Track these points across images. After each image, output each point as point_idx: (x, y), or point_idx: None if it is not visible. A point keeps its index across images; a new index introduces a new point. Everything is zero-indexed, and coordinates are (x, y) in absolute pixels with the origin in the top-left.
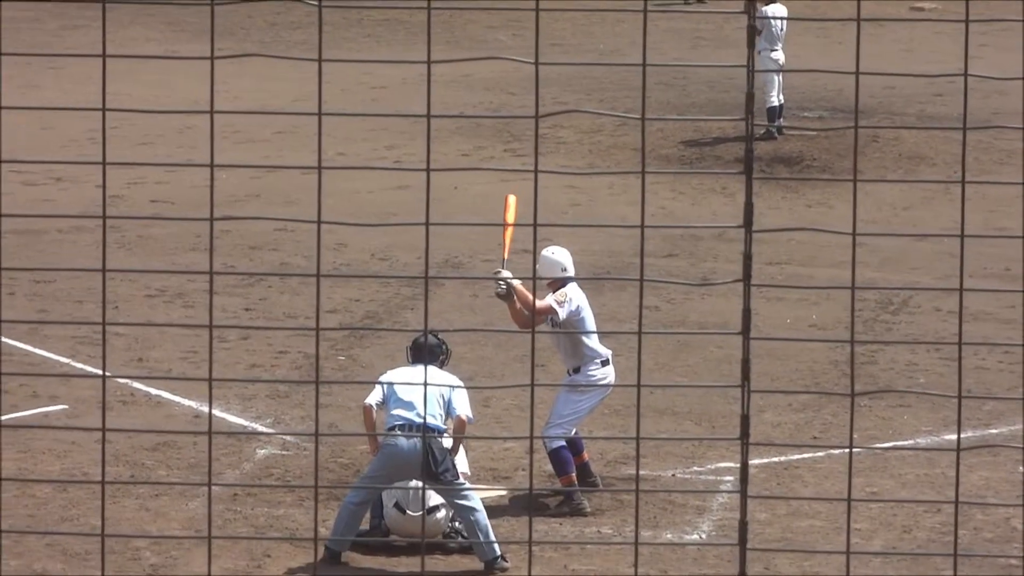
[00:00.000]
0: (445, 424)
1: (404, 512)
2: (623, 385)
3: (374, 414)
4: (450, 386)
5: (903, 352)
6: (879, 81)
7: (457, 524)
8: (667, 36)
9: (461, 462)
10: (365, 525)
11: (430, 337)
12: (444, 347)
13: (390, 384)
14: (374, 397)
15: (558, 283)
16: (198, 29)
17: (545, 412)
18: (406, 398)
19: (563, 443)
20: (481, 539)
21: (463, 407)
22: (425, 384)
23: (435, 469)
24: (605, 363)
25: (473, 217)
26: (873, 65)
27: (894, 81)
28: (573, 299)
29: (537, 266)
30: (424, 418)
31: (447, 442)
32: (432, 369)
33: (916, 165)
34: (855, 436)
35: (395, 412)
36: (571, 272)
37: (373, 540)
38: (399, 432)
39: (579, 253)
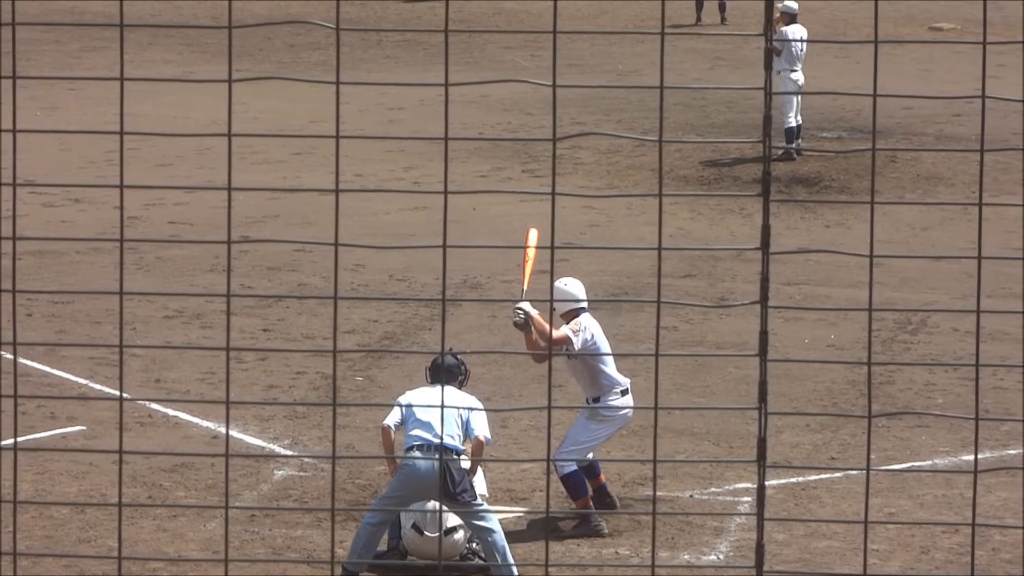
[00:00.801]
0: (463, 445)
1: (422, 533)
2: (641, 407)
3: (392, 435)
4: (469, 408)
5: (921, 372)
6: (897, 101)
7: (475, 545)
8: (686, 56)
9: (479, 483)
10: (383, 546)
11: (449, 357)
12: (463, 367)
13: (408, 405)
14: (392, 418)
15: (571, 314)
16: (216, 50)
17: (563, 433)
18: (424, 418)
19: (575, 467)
20: (499, 560)
21: (482, 428)
22: (443, 405)
23: (453, 489)
24: (624, 392)
25: (491, 237)
26: (891, 85)
27: (912, 101)
28: (587, 328)
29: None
30: (442, 438)
31: (465, 463)
32: (451, 390)
33: (934, 186)
34: (872, 457)
35: (413, 432)
36: (584, 302)
37: (391, 563)
38: (417, 452)
39: (597, 273)
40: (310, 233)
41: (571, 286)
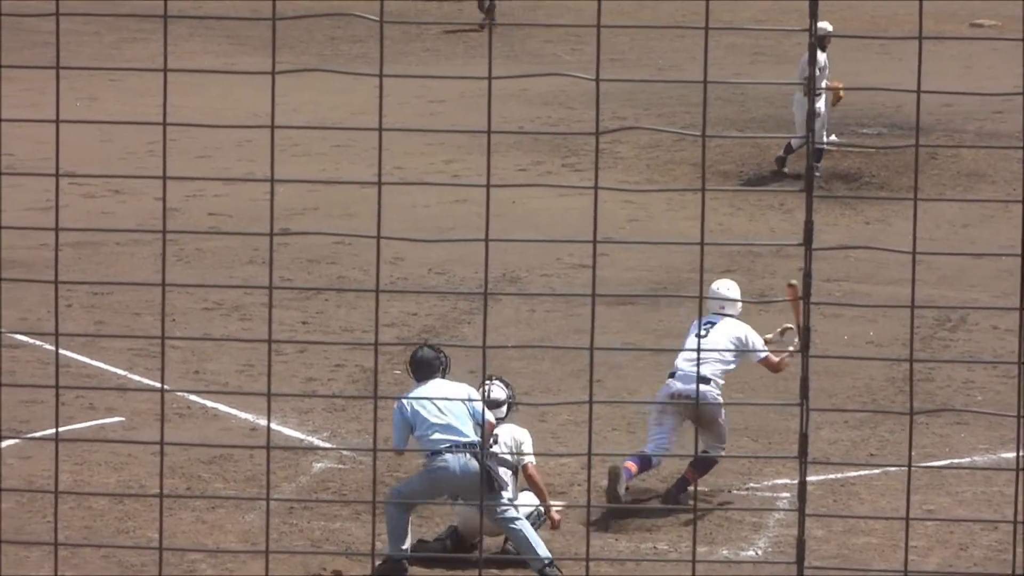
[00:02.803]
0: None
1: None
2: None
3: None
4: (470, 398)
5: (960, 369)
6: (938, 98)
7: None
8: (727, 52)
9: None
10: (430, 536)
11: (426, 350)
12: (441, 357)
13: (414, 412)
14: (400, 439)
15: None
16: (258, 43)
17: (601, 427)
18: (442, 421)
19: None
20: (528, 551)
21: (488, 414)
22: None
23: (497, 486)
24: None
25: (531, 231)
26: (932, 82)
27: (952, 98)
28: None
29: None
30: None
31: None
32: (447, 383)
33: (975, 183)
34: (912, 453)
35: (435, 436)
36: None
37: (432, 555)
38: (447, 454)
39: (636, 268)
40: (350, 226)
41: (721, 288)
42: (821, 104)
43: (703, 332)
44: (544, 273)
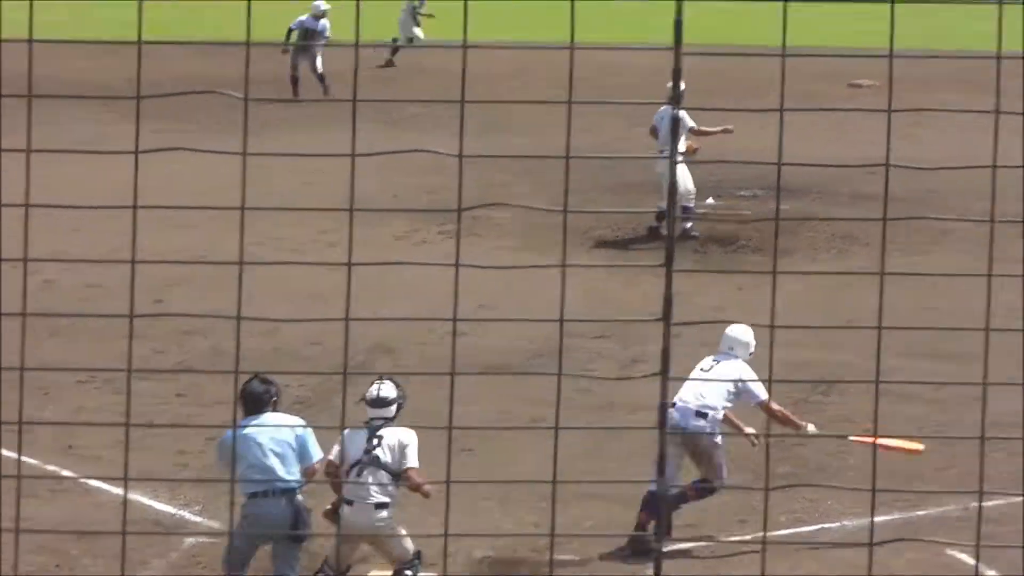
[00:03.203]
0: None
1: (351, 504)
2: (539, 481)
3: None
4: (296, 436)
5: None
6: (812, 158)
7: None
8: (604, 117)
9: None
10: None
11: (256, 384)
12: (272, 389)
13: (237, 449)
14: (223, 456)
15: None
16: (133, 110)
17: (474, 498)
18: (262, 461)
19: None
20: None
21: (316, 452)
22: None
23: (299, 529)
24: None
25: (406, 299)
26: (806, 144)
27: (827, 159)
28: None
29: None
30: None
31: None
32: (276, 417)
33: (849, 245)
34: (782, 519)
35: (253, 478)
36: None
37: None
38: (261, 499)
39: (513, 336)
40: (225, 296)
41: (734, 331)
42: (683, 169)
43: (708, 367)
44: (419, 342)
